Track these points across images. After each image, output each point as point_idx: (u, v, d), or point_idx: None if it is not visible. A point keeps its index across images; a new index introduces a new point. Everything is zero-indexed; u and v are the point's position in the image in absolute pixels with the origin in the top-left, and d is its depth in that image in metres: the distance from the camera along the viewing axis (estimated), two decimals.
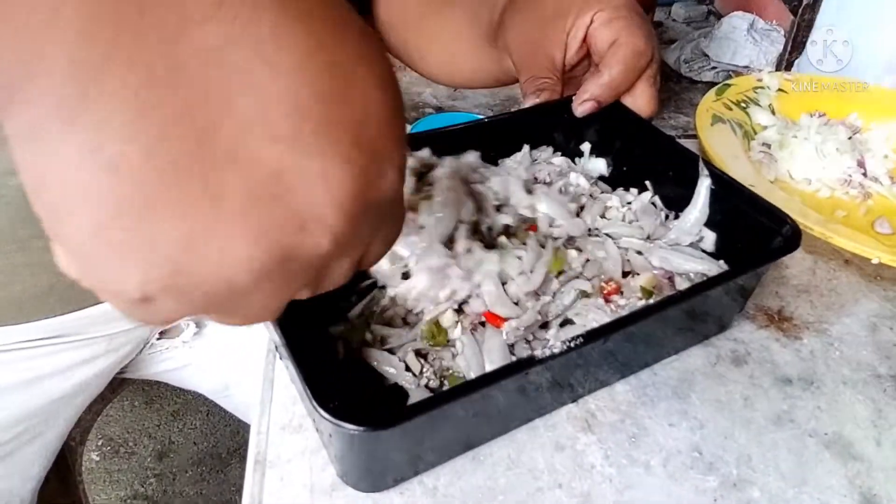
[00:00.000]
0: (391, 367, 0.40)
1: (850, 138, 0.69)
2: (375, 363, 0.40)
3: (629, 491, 0.39)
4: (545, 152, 0.57)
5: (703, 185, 0.49)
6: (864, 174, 0.66)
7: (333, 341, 0.42)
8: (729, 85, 0.74)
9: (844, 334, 0.50)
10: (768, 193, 0.46)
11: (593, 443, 0.41)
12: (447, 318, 0.42)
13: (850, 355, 0.48)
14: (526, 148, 0.56)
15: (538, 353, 0.34)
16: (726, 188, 0.48)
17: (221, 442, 1.43)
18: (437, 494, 0.38)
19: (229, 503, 1.33)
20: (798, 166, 0.67)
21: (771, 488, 0.39)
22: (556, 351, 0.34)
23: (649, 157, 0.54)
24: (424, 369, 0.41)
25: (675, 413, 0.43)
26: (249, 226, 0.20)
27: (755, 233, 0.45)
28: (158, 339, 0.72)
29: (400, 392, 0.40)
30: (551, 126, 0.56)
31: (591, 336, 0.35)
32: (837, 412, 0.44)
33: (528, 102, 0.55)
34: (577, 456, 0.41)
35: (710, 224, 0.49)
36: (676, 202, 0.51)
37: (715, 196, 0.48)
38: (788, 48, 0.84)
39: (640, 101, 0.55)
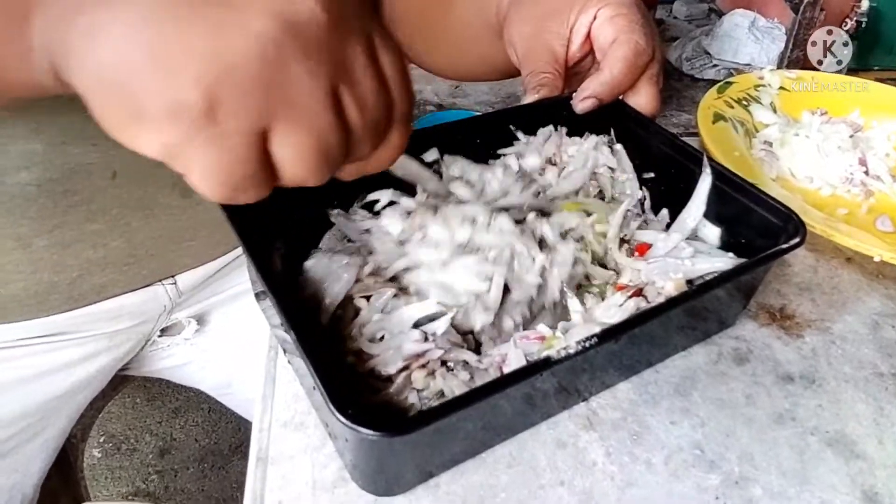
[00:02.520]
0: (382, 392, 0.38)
1: (851, 136, 0.69)
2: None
3: (631, 489, 0.39)
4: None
5: (705, 182, 0.49)
6: (866, 172, 0.66)
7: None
8: (730, 83, 0.74)
9: (846, 332, 0.50)
10: (770, 191, 0.46)
11: (595, 440, 0.41)
12: (419, 380, 0.38)
13: (851, 353, 0.48)
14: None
15: (553, 354, 0.34)
16: (730, 184, 0.47)
17: (223, 439, 1.43)
18: (439, 492, 0.38)
19: (231, 500, 1.33)
20: (799, 164, 0.67)
21: (773, 486, 0.39)
22: (571, 351, 0.34)
23: (652, 154, 0.54)
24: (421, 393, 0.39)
25: (677, 411, 0.43)
26: (253, 5, 0.26)
27: (759, 229, 0.45)
28: (160, 336, 0.72)
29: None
30: (551, 122, 0.56)
31: (606, 335, 0.35)
32: (839, 410, 0.44)
33: (529, 98, 0.54)
34: (578, 453, 0.41)
35: (713, 220, 0.49)
36: (680, 200, 0.51)
37: (719, 192, 0.48)
38: (790, 46, 0.84)
39: (643, 100, 0.54)
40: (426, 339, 0.39)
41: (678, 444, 0.41)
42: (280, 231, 0.44)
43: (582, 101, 0.53)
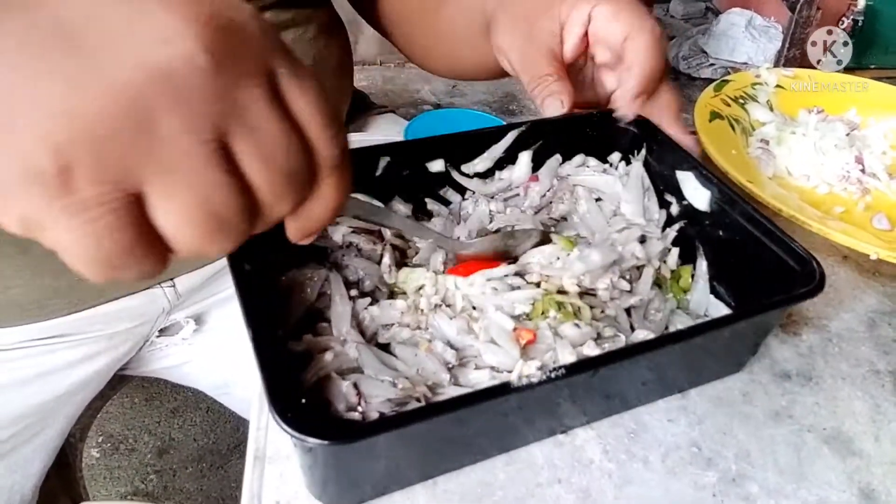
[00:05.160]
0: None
1: (848, 134, 0.69)
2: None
3: (628, 486, 0.39)
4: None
5: (701, 266, 0.48)
6: (863, 170, 0.66)
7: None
8: (727, 81, 0.74)
9: (843, 330, 0.50)
10: (766, 189, 0.46)
11: (592, 438, 0.41)
12: None
13: (848, 351, 0.48)
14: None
15: (514, 381, 0.33)
16: (753, 222, 0.45)
17: (221, 438, 1.43)
18: (437, 490, 0.38)
19: (230, 499, 1.33)
20: (796, 162, 0.67)
21: (769, 483, 0.40)
22: (534, 381, 0.32)
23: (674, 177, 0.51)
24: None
25: (674, 409, 0.43)
26: (117, 54, 0.22)
27: (776, 271, 0.43)
28: (158, 336, 0.72)
29: None
30: (579, 138, 0.53)
31: (577, 368, 0.34)
32: (836, 408, 0.44)
33: (549, 110, 0.51)
34: (575, 451, 0.41)
35: (729, 258, 0.47)
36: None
37: (740, 229, 0.46)
38: (786, 45, 0.84)
39: (664, 100, 0.53)
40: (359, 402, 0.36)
41: (675, 442, 0.41)
42: (273, 234, 0.43)
43: (630, 103, 0.51)
